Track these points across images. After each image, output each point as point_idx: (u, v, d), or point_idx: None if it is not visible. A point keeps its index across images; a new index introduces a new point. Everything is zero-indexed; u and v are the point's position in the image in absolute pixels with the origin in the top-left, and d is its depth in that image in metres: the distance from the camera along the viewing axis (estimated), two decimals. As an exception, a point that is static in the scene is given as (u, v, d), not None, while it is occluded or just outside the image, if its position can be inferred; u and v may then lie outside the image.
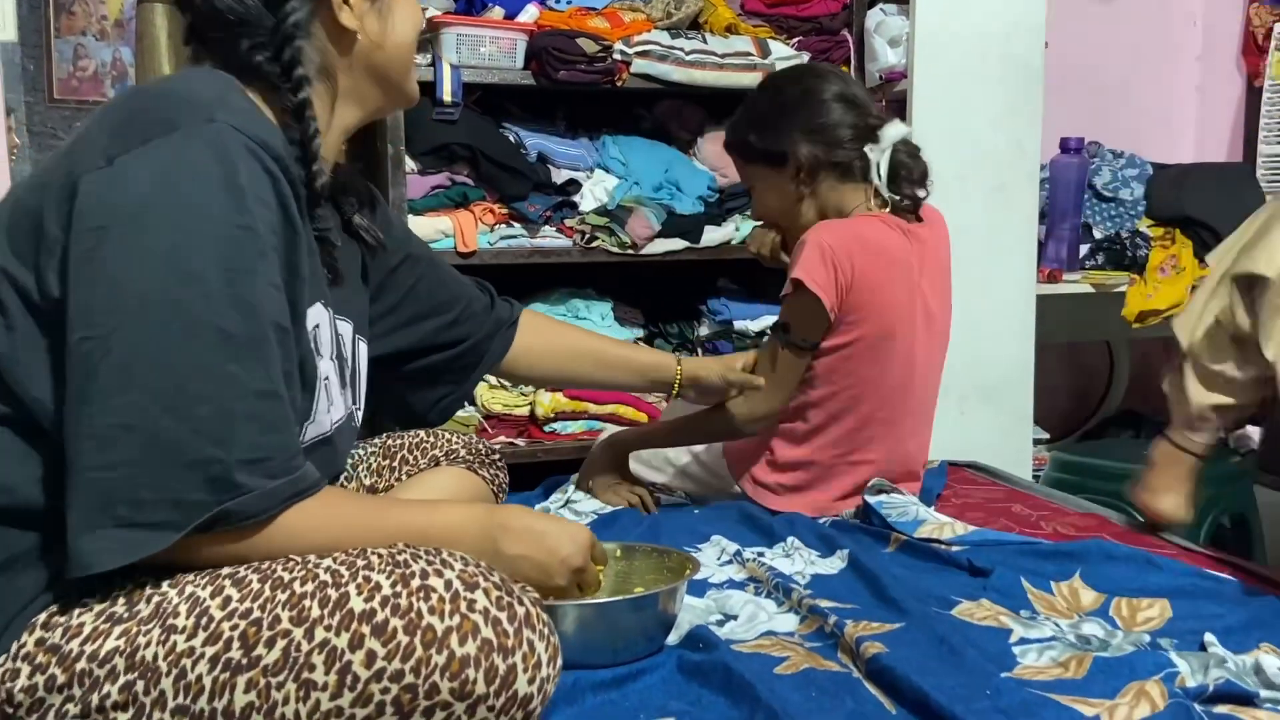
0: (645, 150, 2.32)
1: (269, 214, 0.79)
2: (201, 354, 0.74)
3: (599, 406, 2.20)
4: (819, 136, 1.45)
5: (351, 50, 0.93)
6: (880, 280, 1.43)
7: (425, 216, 2.06)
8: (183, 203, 0.75)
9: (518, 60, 2.10)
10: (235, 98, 0.84)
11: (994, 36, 2.21)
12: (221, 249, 0.76)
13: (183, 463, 0.73)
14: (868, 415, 1.47)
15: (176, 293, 0.74)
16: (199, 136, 0.77)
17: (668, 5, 2.22)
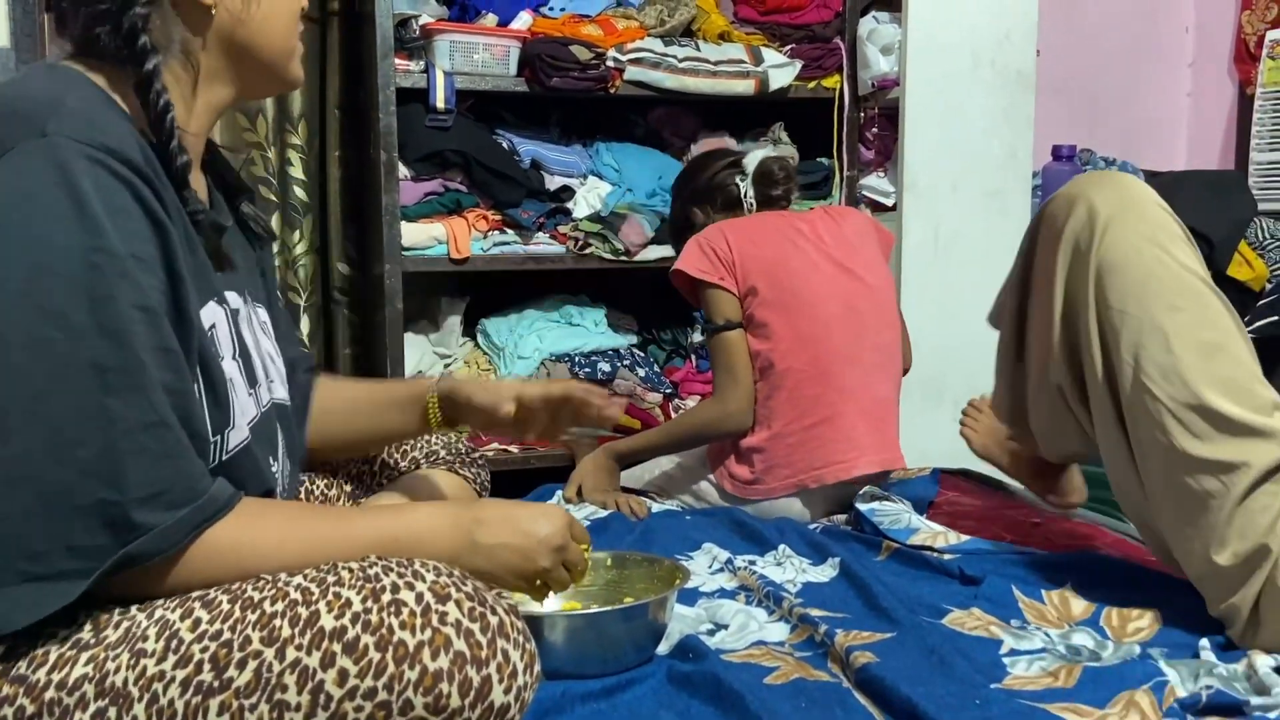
0: (638, 157, 2.32)
1: (129, 224, 0.74)
2: (76, 393, 0.71)
3: (592, 413, 2.19)
4: (701, 196, 1.75)
5: (208, 25, 0.85)
6: (760, 250, 1.59)
7: (418, 223, 2.06)
8: (27, 236, 0.71)
9: (511, 67, 2.10)
10: (72, 99, 0.76)
11: (986, 44, 2.22)
12: (78, 278, 0.71)
13: (75, 509, 0.71)
14: (801, 372, 1.55)
15: (38, 332, 0.70)
16: (32, 157, 0.71)
17: (661, 13, 2.22)
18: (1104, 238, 1.10)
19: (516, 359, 2.17)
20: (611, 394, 2.21)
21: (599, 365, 2.20)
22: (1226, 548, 0.99)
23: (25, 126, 0.73)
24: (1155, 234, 1.10)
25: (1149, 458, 1.06)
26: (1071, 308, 1.14)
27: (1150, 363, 1.05)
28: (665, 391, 2.29)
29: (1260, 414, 1.01)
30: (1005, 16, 2.23)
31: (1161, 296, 1.07)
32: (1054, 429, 1.23)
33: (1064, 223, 1.14)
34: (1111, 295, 1.09)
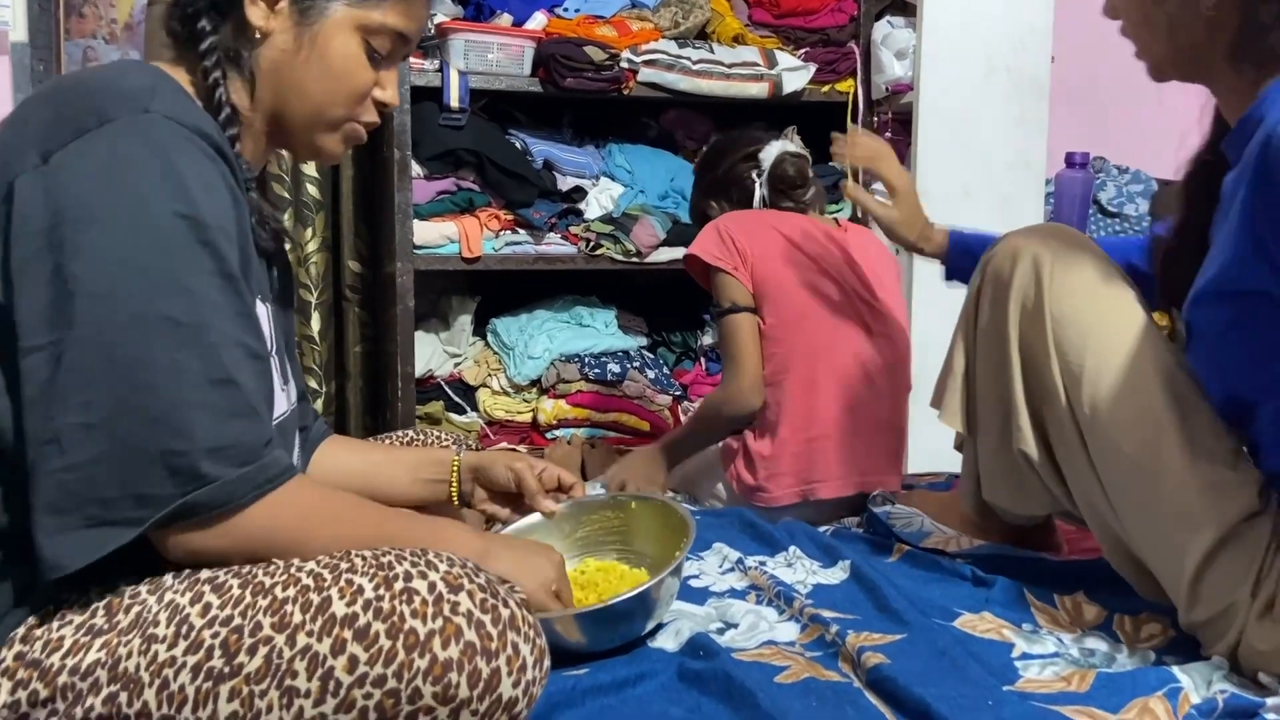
0: (651, 159, 2.32)
1: (215, 201, 0.78)
2: (150, 345, 0.73)
3: (601, 414, 2.20)
4: (718, 189, 1.72)
5: (260, 51, 0.88)
6: (765, 251, 1.57)
7: (430, 221, 2.06)
8: (122, 196, 0.74)
9: (525, 67, 2.10)
10: (166, 87, 0.81)
11: (1000, 50, 2.21)
12: (164, 239, 0.74)
13: (144, 457, 0.72)
14: (808, 384, 1.55)
15: (121, 287, 0.73)
16: (134, 127, 0.75)
17: (675, 15, 2.23)
18: (1051, 288, 1.10)
19: (526, 359, 2.17)
20: (622, 397, 2.21)
21: (609, 366, 2.20)
22: (1199, 604, 0.98)
23: (129, 102, 0.77)
24: (1100, 282, 1.10)
25: (1125, 506, 1.05)
26: (1031, 363, 1.13)
27: (1110, 416, 1.04)
28: (674, 394, 2.29)
29: (1221, 465, 1.00)
30: (1020, 23, 2.23)
31: (1113, 347, 1.06)
32: (1016, 495, 1.21)
33: (1009, 277, 1.13)
34: (1066, 347, 1.09)
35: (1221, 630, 0.97)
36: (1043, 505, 1.22)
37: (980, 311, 1.19)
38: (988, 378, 1.19)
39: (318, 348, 2.26)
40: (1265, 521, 0.99)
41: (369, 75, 0.92)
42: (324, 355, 2.27)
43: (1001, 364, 1.16)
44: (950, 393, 1.25)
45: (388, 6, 0.90)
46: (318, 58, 0.89)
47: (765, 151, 1.69)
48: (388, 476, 1.10)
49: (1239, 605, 0.96)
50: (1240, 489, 0.99)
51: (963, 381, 1.23)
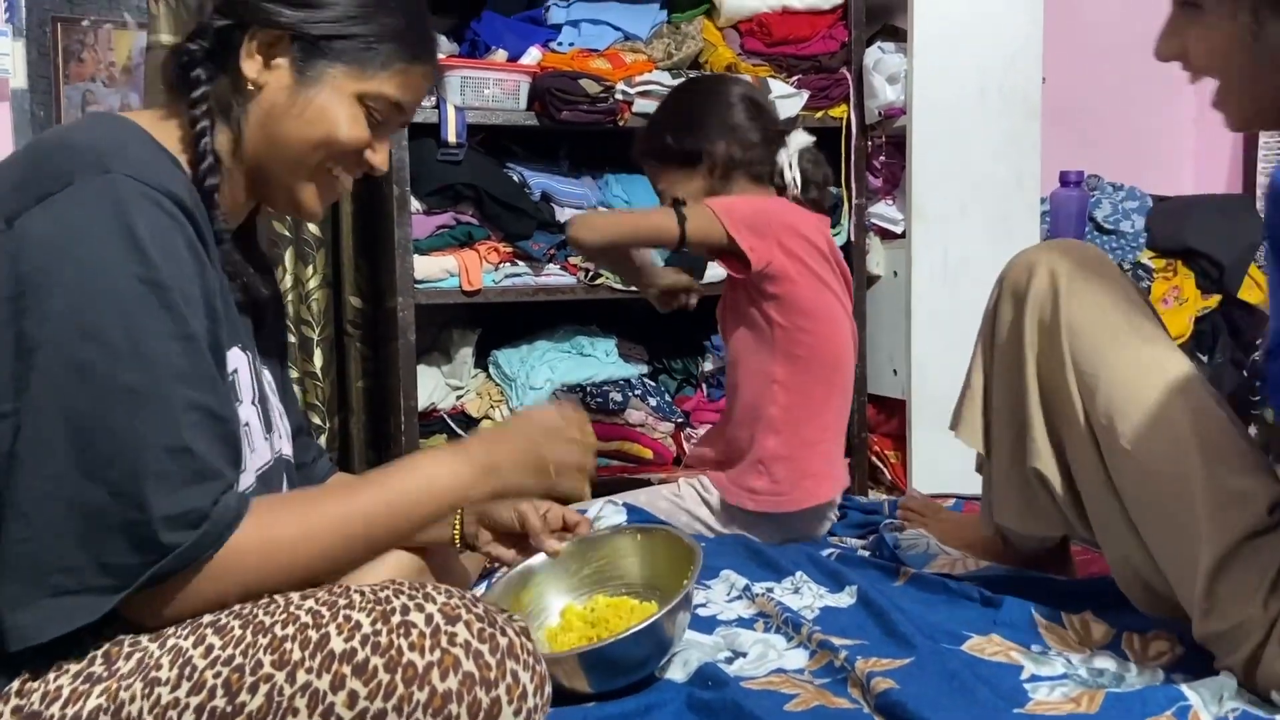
0: (647, 188, 2.31)
1: (178, 260, 0.78)
2: (109, 414, 0.73)
3: (604, 444, 2.19)
4: (733, 135, 1.56)
5: (251, 104, 0.89)
6: (800, 252, 1.52)
7: (430, 256, 2.07)
8: (81, 261, 0.74)
9: (521, 101, 2.12)
10: (135, 144, 0.82)
11: (992, 72, 2.24)
12: (122, 304, 0.74)
13: (106, 526, 0.73)
14: (828, 383, 1.56)
15: (80, 355, 0.73)
16: (94, 189, 0.76)
17: (668, 46, 2.25)
18: (1068, 299, 1.10)
19: (529, 389, 2.18)
20: (624, 426, 2.21)
21: (610, 395, 2.21)
22: (1212, 614, 0.98)
23: (89, 163, 0.77)
24: (1117, 295, 1.10)
25: (1144, 519, 1.05)
26: (1048, 377, 1.13)
27: (1127, 427, 1.04)
28: (677, 421, 2.29)
29: (1235, 475, 1.00)
30: (1010, 44, 2.26)
31: (1129, 358, 1.06)
32: (1026, 516, 1.20)
33: (1026, 290, 1.14)
34: (1082, 358, 1.09)
35: (1235, 643, 0.97)
36: (1052, 526, 1.21)
37: (998, 326, 1.19)
38: (1004, 393, 1.19)
39: (320, 384, 2.26)
40: (1276, 540, 0.98)
41: (365, 135, 0.92)
42: (326, 391, 2.27)
43: (1017, 379, 1.16)
44: (969, 411, 1.25)
45: (386, 76, 0.91)
46: (312, 116, 0.89)
47: (793, 137, 1.61)
48: None
49: (1252, 619, 0.96)
50: (1254, 501, 0.98)
51: (981, 399, 1.23)
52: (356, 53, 0.90)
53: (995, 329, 1.20)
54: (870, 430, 2.36)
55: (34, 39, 4.36)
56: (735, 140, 1.56)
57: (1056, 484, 1.14)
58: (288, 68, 0.89)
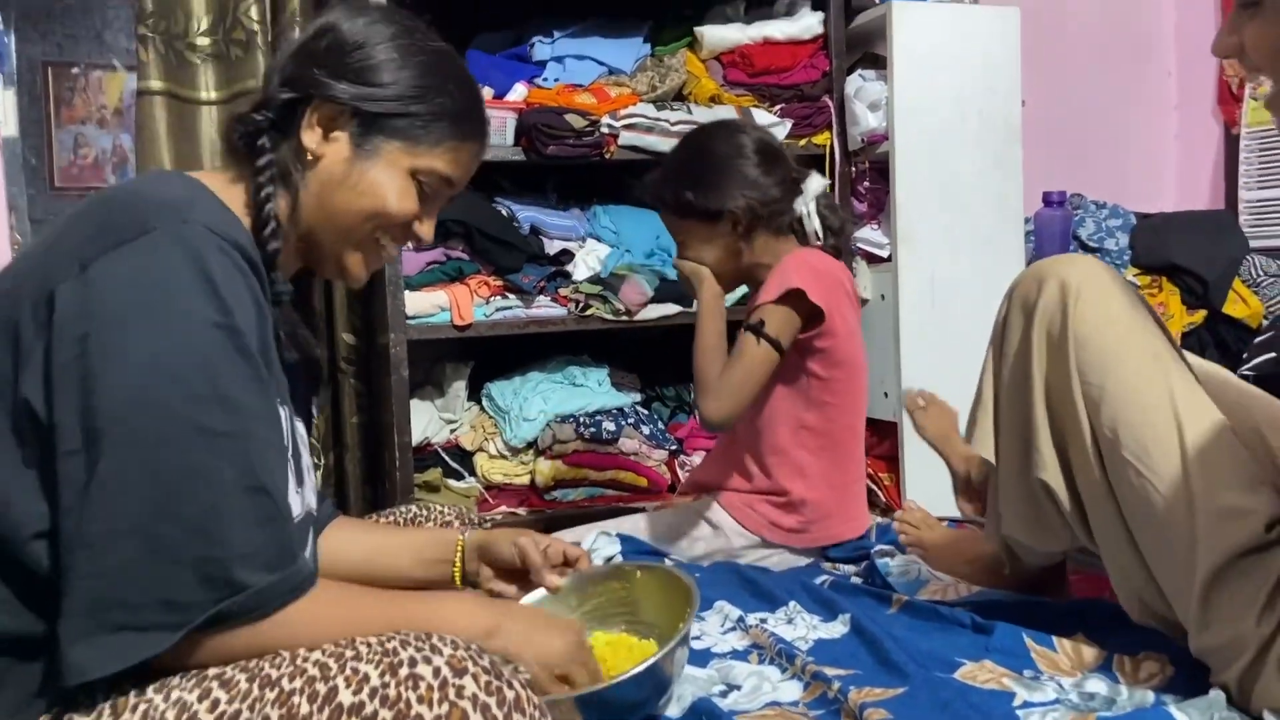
0: (635, 218, 2.36)
1: (246, 308, 0.81)
2: (187, 454, 0.75)
3: (598, 473, 2.21)
4: (753, 191, 1.56)
5: (310, 173, 0.93)
6: (844, 305, 1.58)
7: (422, 291, 2.09)
8: (160, 304, 0.76)
9: (508, 137, 2.15)
10: (205, 200, 0.85)
11: (971, 97, 2.27)
12: (201, 348, 0.77)
13: (176, 564, 0.74)
14: (853, 432, 1.62)
15: (159, 394, 0.75)
16: (172, 237, 0.78)
17: (652, 79, 2.28)
18: (1076, 310, 1.11)
19: (522, 421, 2.19)
20: (618, 455, 2.22)
21: (603, 425, 2.22)
22: (1207, 628, 0.99)
23: (168, 214, 0.80)
24: (1124, 308, 1.12)
25: (1143, 531, 1.06)
26: (1055, 387, 1.14)
27: (1130, 438, 1.06)
28: (670, 449, 2.30)
29: (1234, 491, 1.01)
30: (989, 69, 2.29)
31: (1134, 370, 1.07)
32: (1034, 529, 1.20)
33: (1035, 301, 1.15)
34: (1088, 369, 1.10)
35: (1229, 659, 0.98)
36: (1060, 540, 1.20)
37: (1007, 337, 1.20)
38: (1012, 404, 1.20)
39: (315, 420, 2.27)
40: (1274, 558, 0.99)
41: (415, 207, 0.96)
42: (321, 428, 2.28)
43: (1025, 389, 1.17)
44: (982, 421, 1.25)
45: (439, 153, 0.95)
46: (366, 189, 0.94)
47: (809, 184, 1.61)
48: (391, 560, 1.11)
49: (1246, 636, 0.96)
50: (1251, 517, 0.99)
51: (993, 410, 1.23)
52: (412, 130, 0.94)
53: (1005, 340, 1.21)
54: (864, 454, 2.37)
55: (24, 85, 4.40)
56: (755, 196, 1.56)
57: (1062, 495, 1.15)
58: (346, 141, 0.93)
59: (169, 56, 2.14)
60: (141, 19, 2.13)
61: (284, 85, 0.94)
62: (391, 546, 1.13)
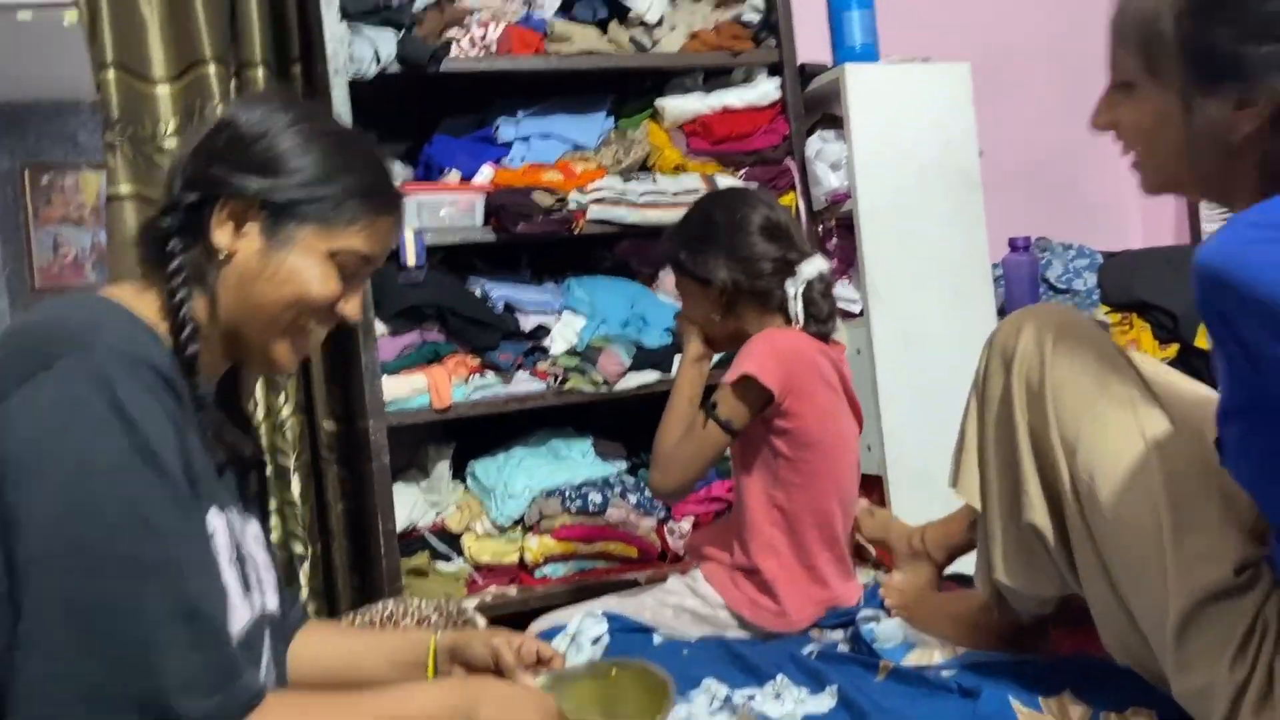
0: (609, 288, 2.38)
1: (160, 428, 0.80)
2: (113, 588, 0.74)
3: (587, 546, 2.20)
4: (742, 267, 1.60)
5: (225, 270, 0.92)
6: (811, 386, 1.57)
7: (399, 375, 2.10)
8: (72, 438, 0.76)
9: (477, 218, 2.17)
10: (110, 320, 0.84)
11: (929, 151, 2.32)
12: (117, 477, 0.76)
13: (114, 702, 0.73)
14: (833, 512, 1.60)
15: (78, 530, 0.74)
16: (76, 366, 0.78)
17: (617, 152, 2.32)
18: (1053, 358, 1.13)
19: (507, 498, 2.19)
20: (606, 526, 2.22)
21: (589, 497, 2.21)
22: (1182, 673, 0.99)
23: (68, 342, 0.80)
24: (1097, 355, 1.14)
25: (1120, 575, 1.07)
26: (1038, 432, 1.15)
27: (1104, 484, 1.07)
28: (659, 516, 2.29)
29: (1203, 534, 1.02)
30: (944, 123, 2.34)
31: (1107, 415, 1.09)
32: (1028, 574, 1.21)
33: (1014, 350, 1.17)
34: (1065, 415, 1.11)
35: (1207, 706, 0.97)
36: (1053, 585, 1.21)
37: (988, 385, 1.22)
38: (997, 449, 1.21)
39: (299, 510, 2.27)
40: (1248, 602, 0.99)
41: (337, 289, 0.96)
42: (306, 517, 2.28)
43: (1010, 434, 1.18)
44: (966, 467, 1.27)
45: (354, 231, 0.95)
46: (284, 278, 0.92)
47: (805, 266, 1.61)
48: (364, 664, 1.10)
49: (1219, 682, 0.96)
50: (1218, 561, 1.00)
51: (977, 455, 1.25)
52: (324, 213, 0.93)
53: (986, 388, 1.23)
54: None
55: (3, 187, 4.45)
56: (744, 270, 1.59)
57: (1050, 537, 1.16)
58: (258, 233, 0.92)
59: (137, 160, 2.17)
60: (109, 126, 2.17)
61: (187, 187, 0.93)
62: (363, 650, 1.12)
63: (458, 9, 2.21)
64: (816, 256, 1.65)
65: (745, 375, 1.52)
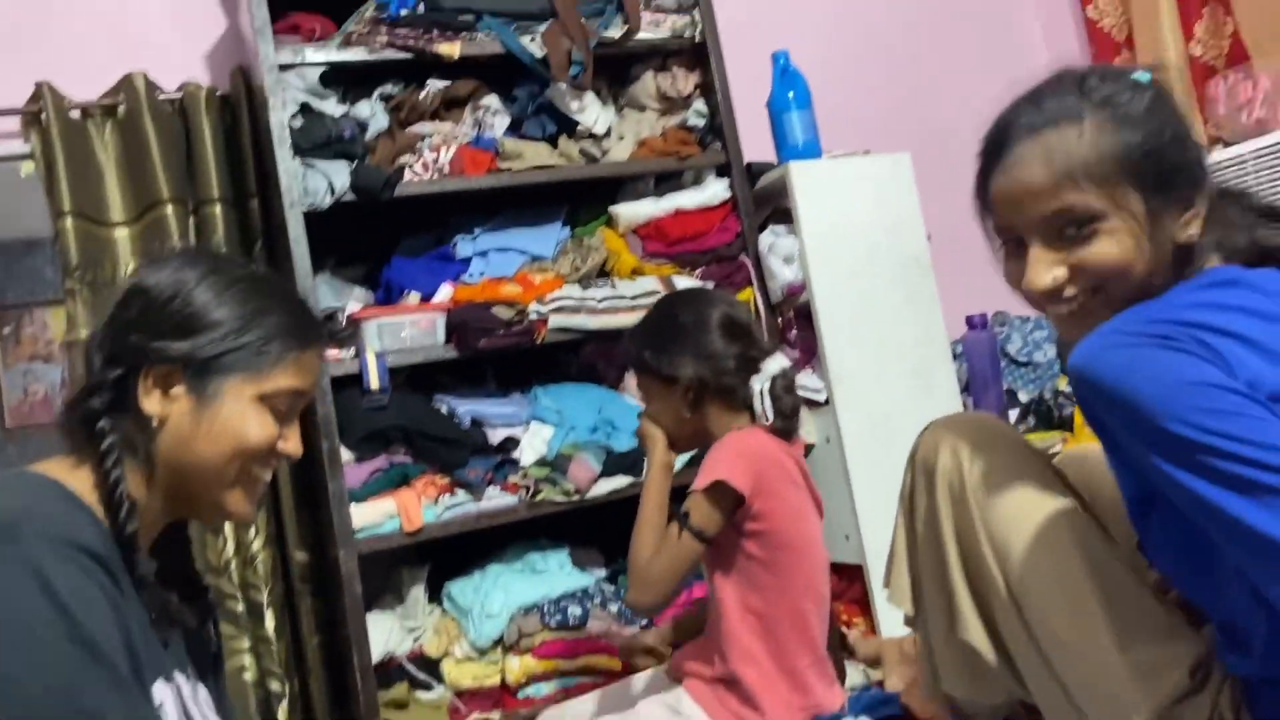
0: (576, 395, 2.39)
1: (97, 611, 0.79)
2: None
3: (570, 661, 2.15)
4: (706, 365, 1.60)
5: (159, 436, 0.92)
6: (780, 486, 1.56)
7: (368, 502, 2.08)
8: (5, 631, 0.75)
9: (438, 336, 2.19)
10: (42, 502, 0.83)
11: (878, 239, 2.37)
12: (54, 669, 0.75)
13: None
14: (800, 612, 1.56)
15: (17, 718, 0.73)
16: (9, 558, 0.77)
17: (574, 260, 2.35)
18: (973, 473, 1.14)
19: (485, 619, 2.15)
20: (588, 639, 2.18)
21: (569, 610, 2.18)
22: None
23: (2, 531, 0.78)
24: (1018, 465, 1.14)
25: (1070, 683, 1.06)
26: (969, 550, 1.15)
27: (1041, 599, 1.06)
28: (641, 624, 2.25)
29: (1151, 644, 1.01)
30: (890, 210, 2.40)
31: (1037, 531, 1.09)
32: (975, 685, 1.19)
33: (935, 465, 1.18)
34: (993, 529, 1.11)
35: None
36: (1002, 693, 1.20)
37: (915, 500, 1.22)
38: (929, 565, 1.20)
39: (274, 646, 2.22)
40: (1204, 698, 0.99)
41: (274, 431, 0.95)
42: (282, 653, 2.23)
43: (939, 550, 1.18)
44: (897, 573, 1.26)
45: (281, 370, 0.95)
46: (220, 432, 0.92)
47: (769, 364, 1.61)
48: None
49: None
50: (1173, 668, 0.99)
51: (906, 561, 1.24)
52: (248, 360, 0.94)
53: (913, 503, 1.23)
54: (835, 598, 2.34)
55: (-34, 335, 4.42)
56: (708, 368, 1.59)
57: (989, 655, 1.14)
58: (185, 393, 0.92)
59: (97, 304, 2.18)
60: (68, 272, 2.19)
61: (110, 362, 0.93)
62: None
63: (409, 136, 2.26)
64: (778, 354, 1.67)
65: (716, 481, 1.52)
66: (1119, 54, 3.04)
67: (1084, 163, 0.98)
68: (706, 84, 2.46)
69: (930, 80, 3.06)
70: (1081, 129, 0.99)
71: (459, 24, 2.26)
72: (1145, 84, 1.02)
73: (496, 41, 2.27)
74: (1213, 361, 0.86)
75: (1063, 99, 1.02)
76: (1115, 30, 3.05)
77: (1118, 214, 0.98)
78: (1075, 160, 0.98)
